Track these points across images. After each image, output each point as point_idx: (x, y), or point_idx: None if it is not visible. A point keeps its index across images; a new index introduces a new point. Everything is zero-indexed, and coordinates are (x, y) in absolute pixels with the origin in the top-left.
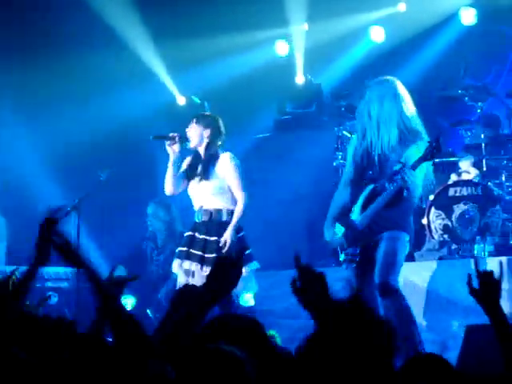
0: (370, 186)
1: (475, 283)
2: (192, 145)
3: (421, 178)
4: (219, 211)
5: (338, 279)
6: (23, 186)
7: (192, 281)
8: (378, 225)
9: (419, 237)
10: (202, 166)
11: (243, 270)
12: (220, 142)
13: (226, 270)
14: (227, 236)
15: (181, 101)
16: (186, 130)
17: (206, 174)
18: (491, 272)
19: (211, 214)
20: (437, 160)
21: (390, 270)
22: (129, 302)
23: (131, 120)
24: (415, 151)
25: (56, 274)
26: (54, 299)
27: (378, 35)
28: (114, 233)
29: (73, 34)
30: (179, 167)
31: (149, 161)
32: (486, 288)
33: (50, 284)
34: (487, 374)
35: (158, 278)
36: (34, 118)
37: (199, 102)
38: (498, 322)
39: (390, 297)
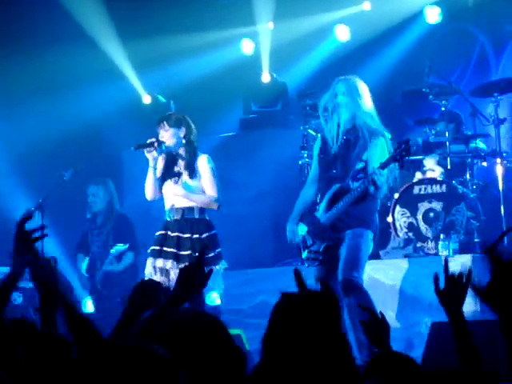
0: (336, 186)
1: (442, 282)
2: (169, 145)
3: (386, 176)
4: (191, 208)
5: (304, 277)
6: None
7: (166, 279)
8: (342, 222)
9: (384, 235)
10: (187, 164)
11: (215, 267)
12: (194, 138)
13: (195, 271)
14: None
15: (146, 99)
16: (160, 136)
17: (190, 173)
18: (460, 274)
19: (183, 211)
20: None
21: (353, 267)
22: (89, 303)
23: (96, 118)
24: (377, 149)
25: None
26: (19, 299)
27: (343, 34)
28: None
29: (41, 31)
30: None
31: (114, 159)
32: (453, 290)
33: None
34: (452, 371)
35: (98, 259)
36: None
37: (165, 100)
38: (457, 325)
39: (353, 294)
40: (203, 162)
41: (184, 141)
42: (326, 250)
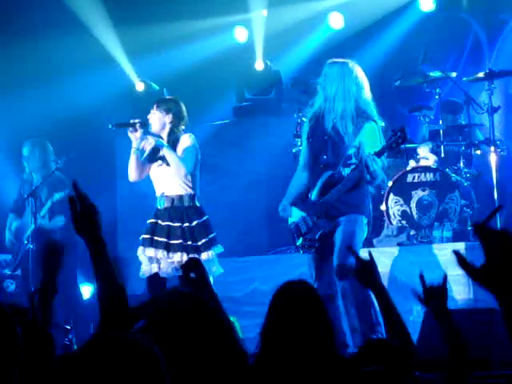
0: (328, 172)
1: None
2: (154, 130)
3: (382, 164)
4: (181, 197)
5: (298, 265)
6: None
7: (156, 268)
8: (336, 209)
9: (378, 223)
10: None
11: (209, 253)
12: (183, 127)
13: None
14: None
15: (139, 87)
16: (148, 115)
17: (167, 161)
18: (437, 286)
19: (173, 200)
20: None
21: (347, 252)
22: (87, 289)
23: (89, 105)
24: (368, 135)
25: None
26: (12, 287)
27: (336, 21)
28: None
29: (33, 18)
30: (142, 153)
31: (107, 146)
32: (433, 298)
33: (7, 271)
34: (444, 359)
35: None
36: None
37: (158, 88)
38: (443, 321)
39: (348, 278)
40: (185, 140)
41: (169, 126)
42: (320, 237)
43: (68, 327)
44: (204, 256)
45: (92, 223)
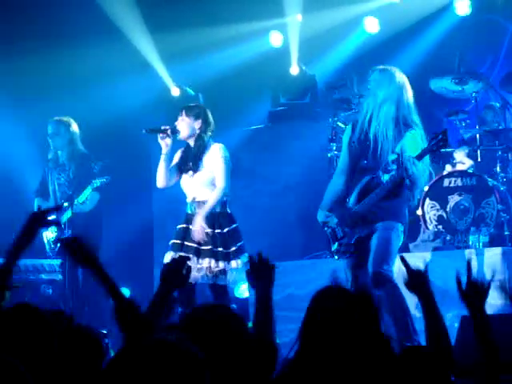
0: (367, 177)
1: (464, 283)
2: (182, 137)
3: (423, 169)
4: None
5: (331, 270)
6: (13, 175)
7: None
8: (373, 215)
9: (414, 228)
10: (193, 158)
11: (238, 261)
12: (210, 133)
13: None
14: (197, 225)
15: (175, 92)
16: (176, 122)
17: (197, 166)
18: (482, 282)
19: (204, 205)
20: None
21: (383, 260)
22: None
23: (125, 111)
24: (410, 141)
25: (50, 266)
26: (49, 291)
27: (372, 26)
28: (110, 224)
29: (71, 25)
30: (171, 160)
31: (143, 152)
32: (475, 292)
33: (43, 276)
34: (481, 365)
35: (60, 199)
36: (28, 107)
37: (193, 93)
38: (479, 322)
39: (384, 287)
40: (215, 151)
41: (197, 132)
42: (356, 242)
43: (104, 331)
44: (233, 264)
45: (87, 256)
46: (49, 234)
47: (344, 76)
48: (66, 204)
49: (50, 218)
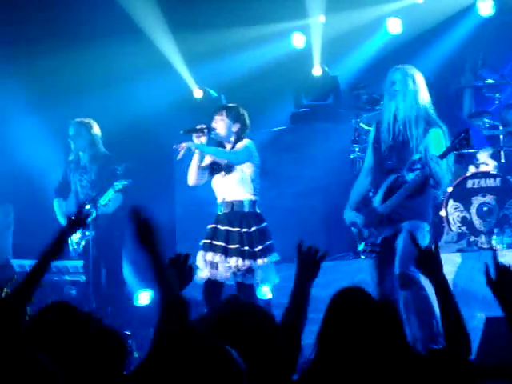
0: (392, 176)
1: (493, 274)
2: (220, 135)
3: (446, 166)
4: (241, 202)
5: (356, 271)
6: (35, 175)
7: (216, 272)
8: (398, 214)
9: (437, 229)
10: None
11: (264, 260)
12: (244, 136)
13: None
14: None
15: (197, 93)
16: (213, 121)
17: (230, 167)
18: (510, 266)
19: (233, 205)
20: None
21: (410, 261)
22: (146, 295)
23: (148, 112)
24: (434, 140)
25: (74, 267)
26: (73, 292)
27: (394, 27)
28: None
29: (94, 25)
30: (203, 159)
31: (165, 153)
32: (503, 281)
33: (67, 277)
34: (506, 366)
35: (83, 201)
36: (51, 108)
37: (216, 94)
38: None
39: (410, 288)
40: (242, 142)
41: (234, 136)
42: (382, 242)
43: (128, 333)
44: (259, 262)
45: (153, 237)
46: (72, 236)
47: (367, 77)
48: (88, 206)
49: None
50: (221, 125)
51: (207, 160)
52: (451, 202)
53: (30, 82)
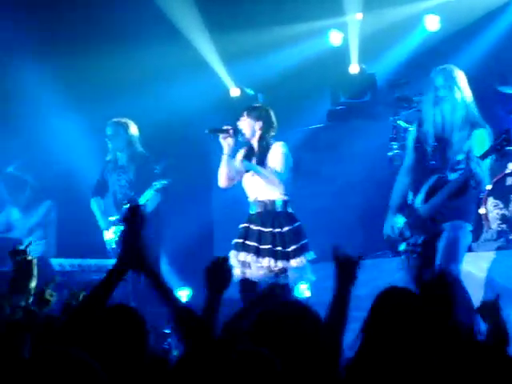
0: (434, 177)
1: None
2: (245, 137)
3: (487, 167)
4: (273, 202)
5: (395, 269)
6: (73, 174)
7: (248, 272)
8: (441, 214)
9: (477, 227)
10: (256, 158)
11: (298, 260)
12: (273, 133)
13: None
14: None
15: (234, 92)
16: (238, 122)
17: (261, 166)
18: None
19: (265, 205)
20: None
21: (451, 259)
22: (184, 293)
23: (185, 111)
24: (477, 140)
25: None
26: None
27: (432, 24)
28: (171, 224)
29: (131, 24)
30: (233, 160)
31: (203, 152)
32: None
33: (95, 277)
34: None
35: (121, 200)
36: (89, 106)
37: (253, 93)
38: None
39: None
40: (276, 148)
41: (259, 133)
42: (423, 242)
43: (167, 331)
44: (293, 263)
45: (141, 258)
46: (109, 235)
47: (404, 74)
48: (126, 206)
49: (111, 218)
50: (244, 125)
51: (238, 159)
52: (491, 199)
53: (69, 82)
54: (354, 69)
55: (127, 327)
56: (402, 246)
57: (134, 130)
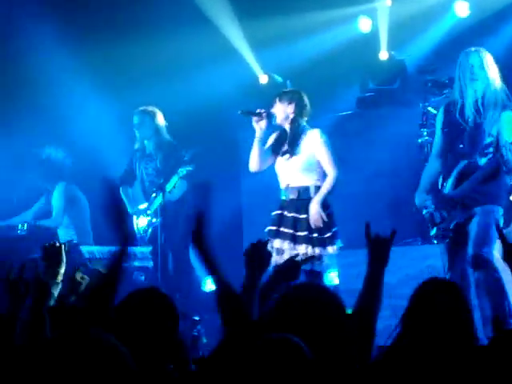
0: (464, 162)
1: None
2: (278, 121)
3: None
4: (307, 188)
5: (425, 257)
6: (104, 162)
7: (282, 259)
8: (472, 199)
9: (508, 214)
10: (289, 142)
11: (333, 247)
12: (306, 117)
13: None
14: (314, 211)
15: (263, 79)
16: (271, 109)
17: (294, 151)
18: None
19: (299, 191)
20: None
21: (484, 243)
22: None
23: (213, 98)
24: (507, 123)
25: (142, 253)
26: (141, 278)
27: (462, 10)
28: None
29: (160, 11)
30: (265, 144)
31: (232, 139)
32: None
33: (136, 264)
34: None
35: (149, 188)
36: (117, 94)
37: (281, 80)
38: None
39: (483, 269)
40: (315, 136)
41: (291, 116)
42: (455, 227)
43: (197, 318)
44: (330, 250)
45: (203, 237)
46: (140, 222)
47: (434, 60)
48: (154, 194)
49: (141, 206)
50: (277, 109)
51: (269, 143)
52: None
53: (97, 70)
54: (383, 55)
55: (158, 310)
56: (433, 231)
57: (160, 118)
